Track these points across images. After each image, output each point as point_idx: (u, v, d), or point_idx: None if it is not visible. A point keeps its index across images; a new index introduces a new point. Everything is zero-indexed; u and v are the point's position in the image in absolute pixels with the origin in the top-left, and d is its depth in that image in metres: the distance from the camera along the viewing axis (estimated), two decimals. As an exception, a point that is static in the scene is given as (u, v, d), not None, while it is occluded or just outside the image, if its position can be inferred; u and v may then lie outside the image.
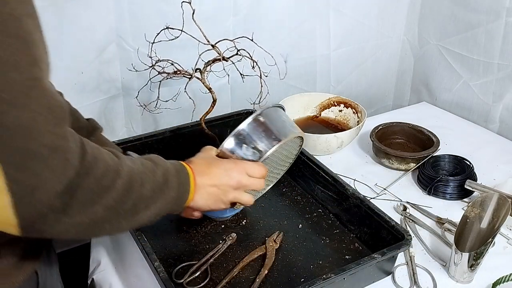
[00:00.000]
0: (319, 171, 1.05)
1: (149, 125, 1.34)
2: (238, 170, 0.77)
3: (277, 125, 0.84)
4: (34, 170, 0.50)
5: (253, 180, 0.79)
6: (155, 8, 1.18)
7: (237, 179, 0.77)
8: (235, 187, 0.77)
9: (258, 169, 0.79)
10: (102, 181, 0.57)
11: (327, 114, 1.41)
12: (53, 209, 0.52)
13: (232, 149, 0.81)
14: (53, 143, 0.52)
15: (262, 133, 0.81)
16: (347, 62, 1.58)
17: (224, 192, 0.76)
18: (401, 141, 1.31)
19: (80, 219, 0.55)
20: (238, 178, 0.77)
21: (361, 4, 1.50)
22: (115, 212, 0.59)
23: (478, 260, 0.85)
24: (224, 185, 0.76)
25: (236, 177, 0.77)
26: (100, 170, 0.56)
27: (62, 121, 0.53)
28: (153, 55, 1.03)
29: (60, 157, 0.52)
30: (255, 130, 0.81)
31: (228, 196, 0.77)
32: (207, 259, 0.90)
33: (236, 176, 0.77)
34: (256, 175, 0.79)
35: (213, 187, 0.75)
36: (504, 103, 1.37)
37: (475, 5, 1.35)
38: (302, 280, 0.87)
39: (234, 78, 1.15)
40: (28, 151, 0.50)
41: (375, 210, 0.92)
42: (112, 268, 0.94)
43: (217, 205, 0.77)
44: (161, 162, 0.69)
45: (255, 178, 0.79)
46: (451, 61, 1.49)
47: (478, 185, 1.07)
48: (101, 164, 0.57)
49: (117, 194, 0.58)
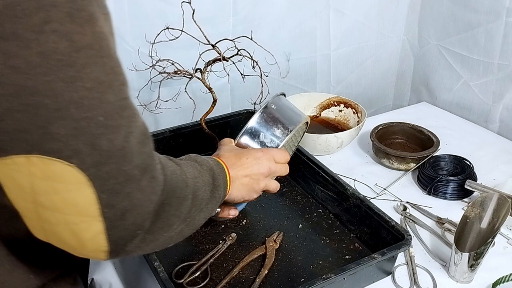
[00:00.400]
0: (319, 171, 1.05)
1: (149, 125, 1.32)
2: (267, 157, 0.78)
3: (287, 111, 0.87)
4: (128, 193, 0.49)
5: (281, 165, 0.80)
6: (156, 8, 1.18)
7: (267, 167, 0.78)
8: (266, 174, 0.78)
9: (283, 155, 0.81)
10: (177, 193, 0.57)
11: (327, 114, 1.41)
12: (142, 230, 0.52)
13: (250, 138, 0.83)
14: (143, 163, 0.51)
15: (277, 120, 0.84)
16: (347, 62, 1.58)
17: (257, 181, 0.77)
18: (401, 141, 1.31)
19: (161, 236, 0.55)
20: (269, 165, 0.78)
21: (361, 4, 1.50)
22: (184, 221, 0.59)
23: (478, 260, 0.85)
24: (256, 174, 0.77)
25: (266, 165, 0.78)
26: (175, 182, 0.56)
27: (148, 139, 0.53)
28: (153, 55, 1.03)
29: (149, 177, 0.51)
30: (268, 119, 0.84)
31: (260, 185, 0.78)
32: (207, 259, 0.90)
33: (266, 163, 0.78)
34: (282, 161, 0.80)
35: (246, 177, 0.76)
36: (504, 103, 1.37)
37: (475, 5, 1.35)
38: (302, 280, 0.87)
39: (234, 78, 1.15)
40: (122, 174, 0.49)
41: (375, 210, 0.93)
42: (112, 268, 0.94)
43: (250, 195, 0.78)
44: (204, 161, 0.69)
45: (281, 164, 0.80)
46: (451, 61, 1.49)
47: (478, 185, 1.07)
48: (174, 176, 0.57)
49: (188, 204, 0.58)
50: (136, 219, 0.51)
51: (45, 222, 0.49)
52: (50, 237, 0.51)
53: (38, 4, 0.43)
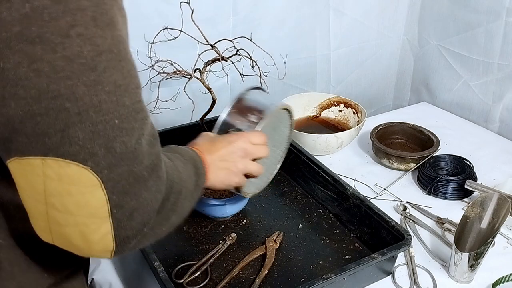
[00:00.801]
0: (319, 171, 1.05)
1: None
2: (241, 139, 0.79)
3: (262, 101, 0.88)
4: (136, 193, 0.50)
5: (258, 147, 0.80)
6: (155, 8, 1.18)
7: (242, 147, 0.78)
8: (242, 155, 0.78)
9: (259, 136, 0.81)
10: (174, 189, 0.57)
11: (327, 114, 1.41)
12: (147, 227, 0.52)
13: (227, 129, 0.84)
14: (152, 164, 0.52)
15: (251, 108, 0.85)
16: (347, 62, 1.58)
17: (234, 163, 0.77)
18: (401, 141, 1.31)
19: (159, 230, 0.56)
20: (243, 146, 0.78)
21: (361, 4, 1.50)
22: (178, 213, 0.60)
23: (478, 260, 0.85)
24: (231, 156, 0.77)
25: (241, 145, 0.78)
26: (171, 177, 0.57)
27: (156, 140, 0.54)
28: (152, 55, 1.03)
29: (155, 176, 0.52)
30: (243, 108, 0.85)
31: (238, 167, 0.78)
32: (207, 259, 0.90)
33: (241, 144, 0.78)
34: (259, 142, 0.80)
35: (222, 161, 0.76)
36: (504, 103, 1.37)
37: (475, 5, 1.35)
38: (302, 280, 0.87)
39: (233, 78, 1.15)
40: (132, 175, 0.49)
41: (375, 210, 0.92)
42: (112, 268, 0.94)
43: (229, 179, 0.78)
44: (185, 152, 0.70)
45: (258, 144, 0.80)
46: (451, 61, 1.49)
47: (478, 185, 1.06)
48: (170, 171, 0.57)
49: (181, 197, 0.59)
50: (143, 218, 0.51)
51: (53, 223, 0.49)
52: (56, 239, 0.51)
53: (65, 8, 0.44)
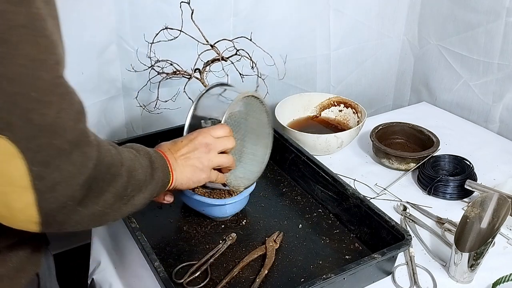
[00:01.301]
0: (319, 171, 1.05)
1: (149, 125, 1.34)
2: (201, 135, 0.80)
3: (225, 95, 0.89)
4: (58, 166, 0.52)
5: (221, 139, 0.81)
6: (156, 8, 1.18)
7: (203, 142, 0.79)
8: (205, 151, 0.79)
9: (221, 128, 0.82)
10: (111, 170, 0.59)
11: (327, 114, 1.41)
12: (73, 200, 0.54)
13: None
14: (76, 138, 0.53)
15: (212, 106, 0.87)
16: (347, 62, 1.58)
17: (198, 159, 0.78)
18: (401, 141, 1.31)
19: (94, 209, 0.57)
20: (204, 141, 0.79)
21: (361, 4, 1.50)
22: (120, 198, 0.62)
23: (478, 260, 0.85)
24: (193, 152, 0.78)
25: (201, 140, 0.79)
26: (108, 160, 0.59)
27: (83, 116, 0.55)
28: (152, 55, 1.03)
29: (81, 152, 0.54)
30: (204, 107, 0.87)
31: (203, 162, 0.79)
32: (207, 259, 0.90)
33: (201, 139, 0.79)
34: (222, 134, 0.81)
35: (185, 159, 0.77)
36: (504, 103, 1.37)
37: (475, 5, 1.35)
38: (302, 280, 0.87)
39: (234, 78, 1.15)
40: (53, 148, 0.51)
41: (375, 210, 0.92)
42: (112, 268, 0.94)
43: (197, 176, 0.79)
44: (141, 148, 0.72)
45: (222, 137, 0.81)
46: (451, 61, 1.49)
47: (478, 185, 1.07)
48: (108, 154, 0.59)
49: (123, 181, 0.61)
50: (66, 191, 0.53)
51: None
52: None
53: None
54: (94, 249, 1.00)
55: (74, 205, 0.55)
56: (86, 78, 1.18)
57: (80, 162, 0.54)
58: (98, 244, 0.99)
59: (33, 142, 0.50)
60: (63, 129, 0.52)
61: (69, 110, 0.53)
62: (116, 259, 0.96)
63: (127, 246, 0.97)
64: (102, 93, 1.24)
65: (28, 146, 0.49)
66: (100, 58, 1.19)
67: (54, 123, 0.51)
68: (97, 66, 1.19)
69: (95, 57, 1.18)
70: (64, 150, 0.52)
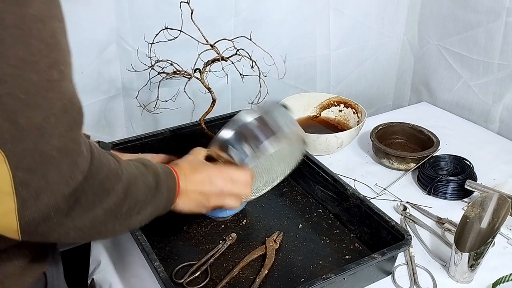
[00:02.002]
0: (319, 171, 1.05)
1: (149, 125, 1.34)
2: (222, 177, 0.77)
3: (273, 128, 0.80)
4: (43, 173, 0.50)
5: (238, 185, 0.78)
6: (156, 8, 1.18)
7: (220, 187, 0.76)
8: (217, 194, 0.77)
9: (243, 176, 0.79)
10: (105, 185, 0.57)
11: (327, 114, 1.41)
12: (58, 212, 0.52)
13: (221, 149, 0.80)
14: (65, 146, 0.51)
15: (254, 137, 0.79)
16: (347, 62, 1.58)
17: (207, 198, 0.76)
18: (401, 141, 1.31)
19: (81, 223, 0.55)
20: (221, 186, 0.77)
21: (361, 4, 1.50)
22: (113, 216, 0.59)
23: (478, 260, 0.85)
24: (207, 192, 0.76)
25: (219, 185, 0.76)
26: (104, 173, 0.56)
27: (76, 125, 0.53)
28: (152, 55, 1.03)
29: (70, 161, 0.52)
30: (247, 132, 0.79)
31: (210, 203, 0.77)
32: (207, 259, 0.90)
33: (219, 183, 0.76)
34: (241, 180, 0.79)
35: (195, 193, 0.75)
36: (504, 103, 1.37)
37: (475, 5, 1.35)
38: (302, 280, 0.87)
39: (234, 78, 1.15)
40: (38, 153, 0.49)
41: (375, 210, 0.92)
42: (112, 268, 0.94)
43: (198, 209, 0.77)
44: (152, 165, 0.69)
45: (239, 184, 0.78)
46: (451, 61, 1.49)
47: (478, 185, 1.07)
48: (105, 168, 0.57)
49: (117, 198, 0.58)
50: (49, 201, 0.50)
51: None
52: None
53: None
54: (94, 249, 1.00)
55: (60, 217, 0.52)
56: (86, 77, 1.18)
57: (68, 172, 0.51)
58: (98, 244, 0.99)
59: (19, 146, 0.48)
60: (50, 134, 0.50)
61: (60, 116, 0.50)
62: (116, 259, 0.96)
63: (127, 246, 0.97)
64: (101, 93, 1.24)
65: (14, 150, 0.48)
66: (100, 58, 1.19)
67: (40, 127, 0.49)
68: (97, 65, 1.19)
69: (95, 57, 1.18)
70: (52, 158, 0.50)
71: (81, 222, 0.55)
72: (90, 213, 0.55)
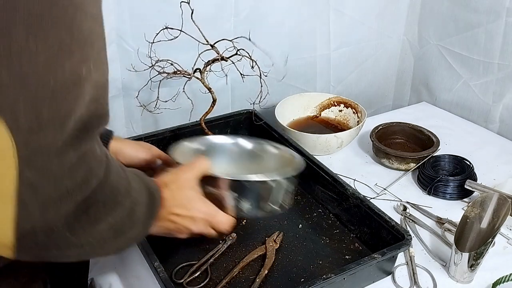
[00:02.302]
0: (319, 171, 1.05)
1: (149, 125, 1.34)
2: (203, 221, 0.76)
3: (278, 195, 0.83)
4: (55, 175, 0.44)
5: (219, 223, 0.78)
6: (156, 8, 1.18)
7: (197, 230, 0.76)
8: (193, 233, 0.76)
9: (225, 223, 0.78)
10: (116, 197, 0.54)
11: (327, 114, 1.41)
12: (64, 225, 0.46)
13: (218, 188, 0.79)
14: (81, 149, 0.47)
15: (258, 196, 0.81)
16: (347, 62, 1.58)
17: (181, 232, 0.75)
18: (401, 141, 1.31)
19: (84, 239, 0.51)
20: (201, 229, 0.76)
21: (361, 4, 1.50)
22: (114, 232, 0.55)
23: (478, 260, 0.85)
24: (184, 228, 0.75)
25: (199, 227, 0.76)
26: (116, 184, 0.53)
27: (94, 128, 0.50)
28: (153, 55, 1.03)
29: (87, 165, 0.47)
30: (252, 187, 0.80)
31: (182, 235, 0.76)
32: (207, 259, 0.90)
33: (200, 226, 0.76)
34: (221, 228, 0.78)
35: (172, 224, 0.73)
36: (504, 103, 1.37)
37: (475, 5, 1.35)
38: (302, 280, 0.87)
39: (234, 78, 1.15)
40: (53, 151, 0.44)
41: (375, 210, 0.92)
42: (112, 268, 0.94)
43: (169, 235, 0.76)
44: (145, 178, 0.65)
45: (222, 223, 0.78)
46: (451, 61, 1.49)
47: (478, 185, 1.07)
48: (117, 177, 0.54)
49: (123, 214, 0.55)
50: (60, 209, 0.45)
51: None
52: None
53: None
54: (94, 249, 0.99)
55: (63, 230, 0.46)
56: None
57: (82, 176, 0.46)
58: (98, 244, 0.99)
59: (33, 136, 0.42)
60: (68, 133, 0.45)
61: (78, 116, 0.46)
62: (116, 259, 0.95)
63: (127, 246, 0.97)
64: (102, 93, 1.24)
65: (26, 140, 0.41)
66: (100, 58, 1.19)
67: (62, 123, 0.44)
68: (97, 66, 1.19)
69: (95, 57, 1.18)
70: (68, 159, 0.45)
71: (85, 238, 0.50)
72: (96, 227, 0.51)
